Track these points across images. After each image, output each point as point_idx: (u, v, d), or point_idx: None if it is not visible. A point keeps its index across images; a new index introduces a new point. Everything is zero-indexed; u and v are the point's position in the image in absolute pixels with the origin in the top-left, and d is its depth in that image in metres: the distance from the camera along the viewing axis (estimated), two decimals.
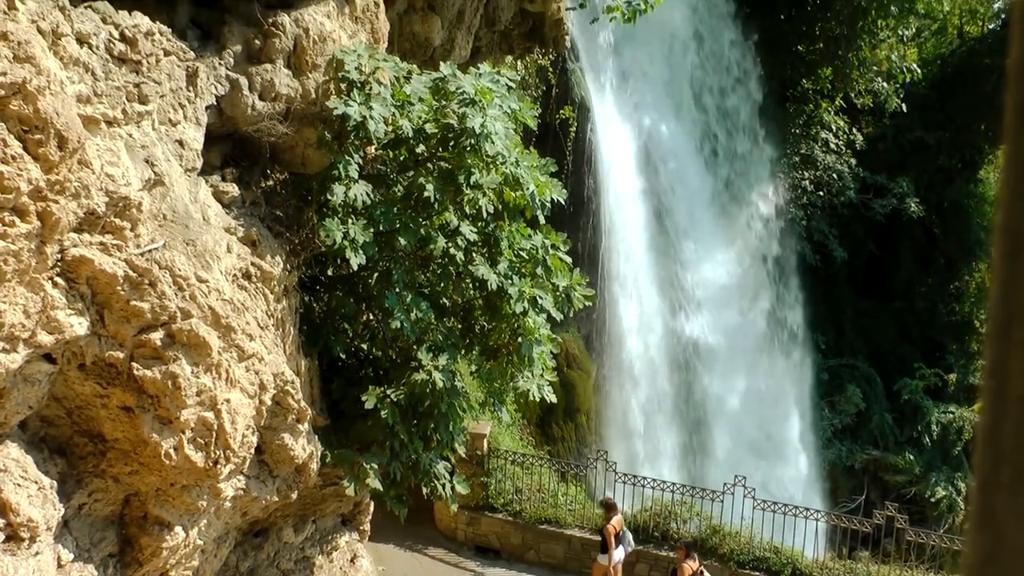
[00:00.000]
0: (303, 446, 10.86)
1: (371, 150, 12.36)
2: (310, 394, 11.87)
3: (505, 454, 20.67)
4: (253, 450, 9.74)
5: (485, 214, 12.23)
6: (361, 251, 11.09)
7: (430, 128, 12.13)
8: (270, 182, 11.82)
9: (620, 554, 17.58)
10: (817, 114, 38.06)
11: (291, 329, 11.26)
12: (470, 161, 11.90)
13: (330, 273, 13.15)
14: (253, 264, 10.18)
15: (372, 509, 14.85)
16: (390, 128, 11.70)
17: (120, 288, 7.94)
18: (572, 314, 13.89)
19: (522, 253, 12.84)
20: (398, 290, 11.80)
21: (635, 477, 20.32)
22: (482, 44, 17.80)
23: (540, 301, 12.58)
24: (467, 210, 12.34)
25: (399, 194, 12.10)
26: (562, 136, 27.01)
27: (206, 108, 10.12)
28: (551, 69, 26.34)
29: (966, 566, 0.94)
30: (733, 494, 19.04)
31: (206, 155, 10.30)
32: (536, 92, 25.97)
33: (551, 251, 12.95)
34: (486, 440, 20.30)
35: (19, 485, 7.50)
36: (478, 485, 19.81)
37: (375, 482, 11.96)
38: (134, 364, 8.18)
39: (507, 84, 12.75)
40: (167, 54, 9.42)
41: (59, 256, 7.52)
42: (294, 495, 11.40)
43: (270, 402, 9.89)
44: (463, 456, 15.05)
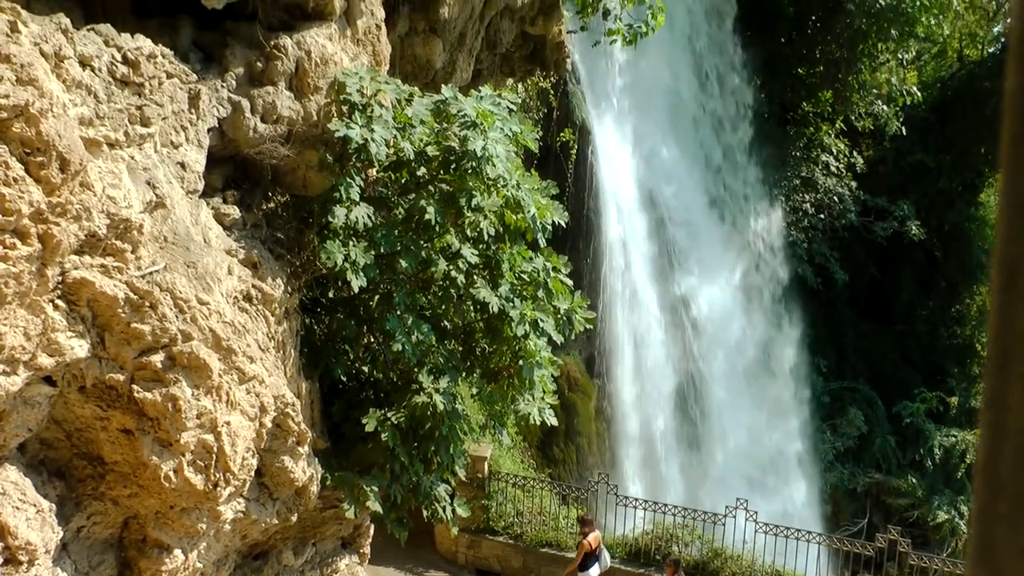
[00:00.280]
0: (303, 469, 10.83)
1: (372, 172, 12.37)
2: (310, 416, 11.85)
3: (506, 477, 20.63)
4: (253, 473, 9.71)
5: (486, 237, 12.24)
6: (362, 273, 11.08)
7: (431, 151, 12.15)
8: (271, 204, 11.83)
9: (595, 572, 17.54)
10: (817, 137, 38.12)
11: (292, 351, 11.25)
12: (471, 184, 11.90)
13: (331, 295, 13.15)
14: (254, 286, 10.18)
15: (372, 532, 14.79)
16: (391, 150, 11.71)
17: (121, 310, 7.93)
18: (573, 337, 13.87)
19: (523, 276, 12.83)
20: (399, 312, 11.79)
21: (636, 500, 20.28)
22: (483, 67, 17.85)
23: (541, 324, 12.56)
24: (468, 233, 12.34)
25: (400, 216, 12.11)
26: (563, 159, 27.06)
27: (208, 130, 10.14)
28: (552, 92, 26.41)
29: None
30: (735, 517, 18.98)
31: (208, 177, 10.31)
32: (537, 115, 26.03)
33: (552, 274, 12.94)
34: (487, 463, 20.26)
35: (17, 508, 7.47)
36: (479, 508, 19.77)
37: (375, 505, 11.92)
38: (134, 386, 8.16)
39: (508, 107, 12.77)
40: (169, 76, 9.44)
41: (60, 278, 7.52)
42: (294, 518, 11.36)
43: (270, 424, 9.86)
44: (464, 479, 14.99)
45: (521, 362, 12.80)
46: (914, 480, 35.70)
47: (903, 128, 37.41)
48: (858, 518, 34.98)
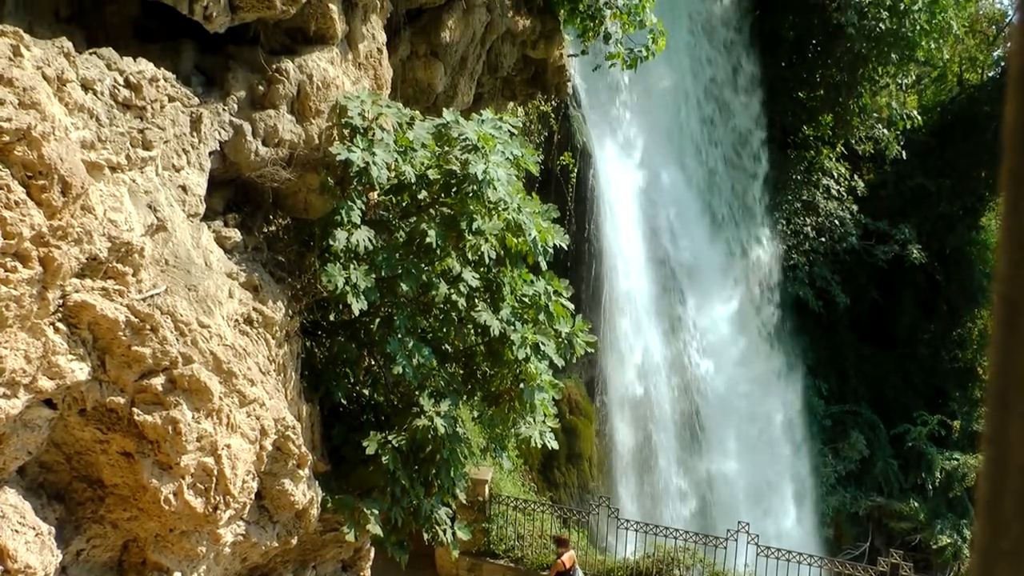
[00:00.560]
0: (303, 492, 10.80)
1: (373, 196, 12.39)
2: (311, 439, 11.82)
3: (507, 500, 20.56)
4: (253, 495, 9.68)
5: (487, 260, 12.23)
6: (363, 296, 11.08)
7: (432, 174, 12.16)
8: (272, 227, 11.84)
9: None
10: (818, 160, 38.17)
11: (292, 374, 11.23)
12: (472, 207, 11.91)
13: (332, 318, 13.14)
14: (255, 309, 10.17)
15: (372, 555, 14.73)
16: (393, 174, 11.72)
17: (121, 333, 7.93)
18: (574, 360, 13.85)
19: (524, 299, 12.82)
20: (400, 336, 11.78)
21: (637, 523, 20.20)
22: (484, 90, 17.89)
23: (542, 347, 12.54)
24: (469, 256, 12.34)
25: (401, 240, 12.11)
26: (563, 182, 27.08)
27: (209, 154, 10.16)
28: (553, 115, 26.45)
29: None
30: (736, 540, 18.91)
31: (209, 200, 10.32)
32: (538, 138, 26.06)
33: (553, 297, 12.93)
34: (488, 486, 20.20)
35: (17, 531, 7.45)
36: (479, 531, 19.69)
37: (376, 528, 11.88)
38: (135, 409, 8.15)
39: (509, 130, 12.79)
40: (171, 100, 9.46)
41: (61, 301, 7.51)
42: (294, 541, 11.31)
43: (271, 447, 9.84)
44: (464, 502, 14.94)
45: (522, 385, 12.78)
46: (916, 504, 35.59)
47: (903, 152, 37.47)
48: (860, 542, 34.87)
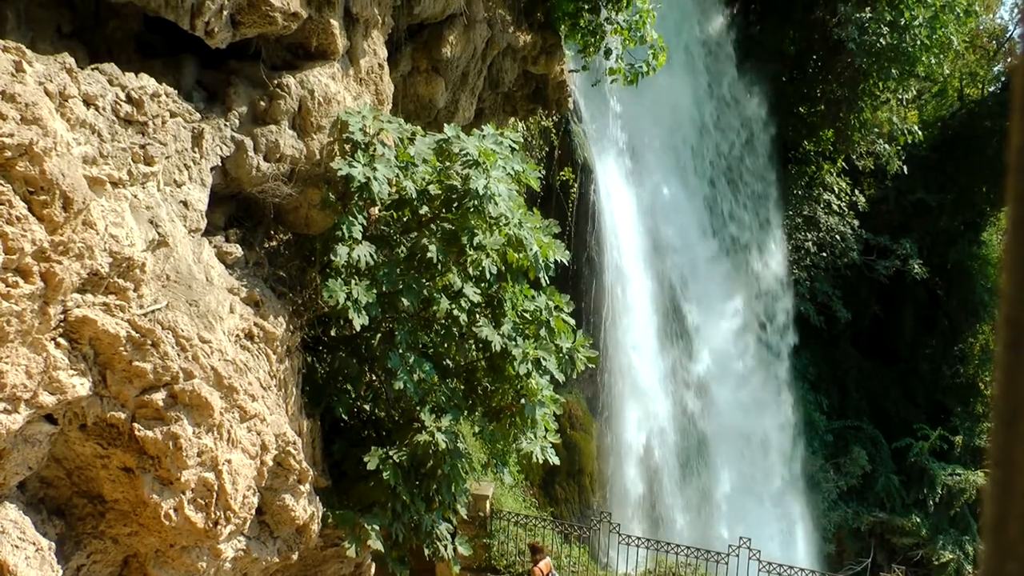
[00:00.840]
0: (304, 507, 10.78)
1: (375, 211, 12.40)
2: (312, 455, 11.81)
3: (508, 515, 20.52)
4: (254, 511, 9.66)
5: (488, 275, 12.23)
6: (364, 312, 11.08)
7: (434, 189, 12.18)
8: (274, 243, 11.85)
9: None
10: (819, 176, 38.17)
11: (293, 390, 11.22)
12: (473, 222, 11.92)
13: (333, 334, 13.13)
14: (256, 325, 10.17)
15: (373, 570, 14.70)
16: (394, 189, 11.74)
17: (123, 349, 7.92)
18: (575, 375, 13.84)
19: (525, 314, 12.83)
20: (401, 351, 11.78)
21: (639, 538, 20.15)
22: (486, 106, 17.91)
23: (544, 363, 12.54)
24: (470, 271, 12.35)
25: (402, 255, 12.12)
26: (562, 197, 27.07)
27: (211, 169, 10.17)
28: (554, 130, 26.46)
29: None
30: (738, 556, 18.86)
31: (210, 216, 10.33)
32: (539, 153, 26.07)
33: (554, 312, 12.94)
34: (489, 501, 20.16)
35: (17, 547, 7.43)
36: (480, 547, 19.64)
37: (376, 543, 11.86)
38: (135, 425, 8.14)
39: (510, 145, 12.81)
40: (173, 115, 9.48)
41: (62, 317, 7.51)
42: (295, 556, 11.29)
43: (272, 463, 9.82)
44: (465, 517, 14.91)
45: (523, 400, 12.78)
46: (918, 519, 35.51)
47: (904, 167, 37.47)
48: (862, 557, 34.78)
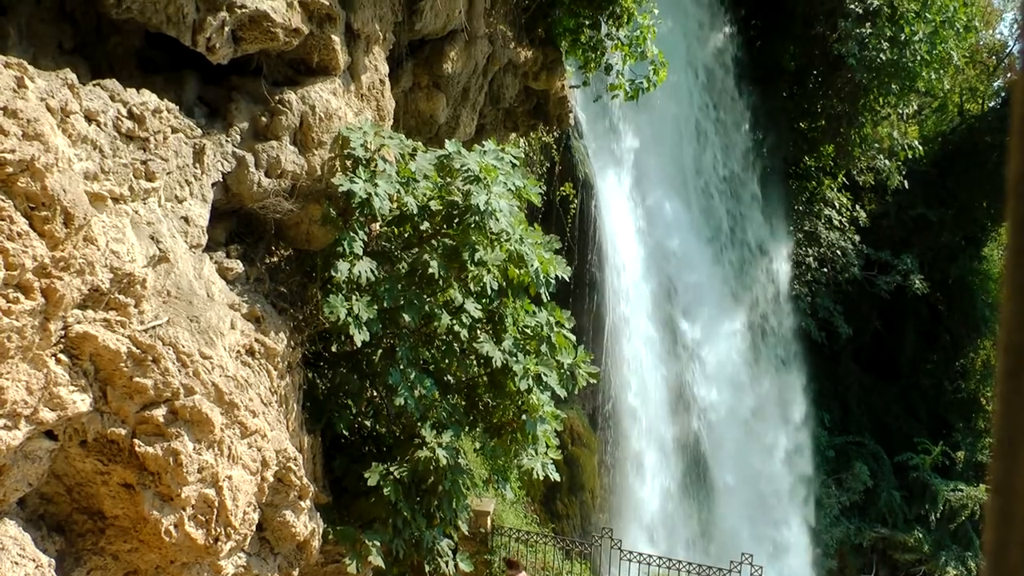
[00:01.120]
0: (305, 523, 10.76)
1: (376, 227, 12.41)
2: (312, 471, 11.79)
3: (509, 532, 20.46)
4: (254, 527, 9.64)
5: (489, 291, 12.23)
6: (365, 328, 11.08)
7: (435, 205, 12.19)
8: (275, 258, 11.85)
9: None
10: (820, 191, 38.18)
11: (294, 406, 11.21)
12: (474, 238, 11.92)
13: (334, 350, 13.12)
14: (257, 340, 10.17)
15: None
16: (395, 205, 11.75)
17: (123, 365, 7.92)
18: (576, 391, 13.82)
19: (527, 330, 12.82)
20: (402, 367, 11.77)
21: (641, 555, 20.08)
22: (487, 121, 17.93)
23: (545, 378, 12.53)
24: (471, 287, 12.34)
25: (403, 271, 12.12)
26: (562, 213, 27.07)
27: (212, 185, 10.18)
28: (555, 146, 26.48)
29: None
30: (740, 572, 18.79)
31: (211, 231, 10.33)
32: (540, 169, 26.07)
33: (556, 328, 12.93)
34: (490, 517, 20.10)
35: (16, 563, 7.41)
36: (481, 563, 19.57)
37: (377, 559, 11.84)
38: (136, 441, 8.13)
39: (511, 161, 12.82)
40: (174, 131, 9.49)
41: (63, 333, 7.51)
42: (295, 572, 11.26)
43: (272, 479, 9.81)
44: (466, 533, 14.87)
45: (524, 416, 12.76)
46: (921, 535, 35.42)
47: (905, 182, 37.49)
48: (864, 573, 34.70)
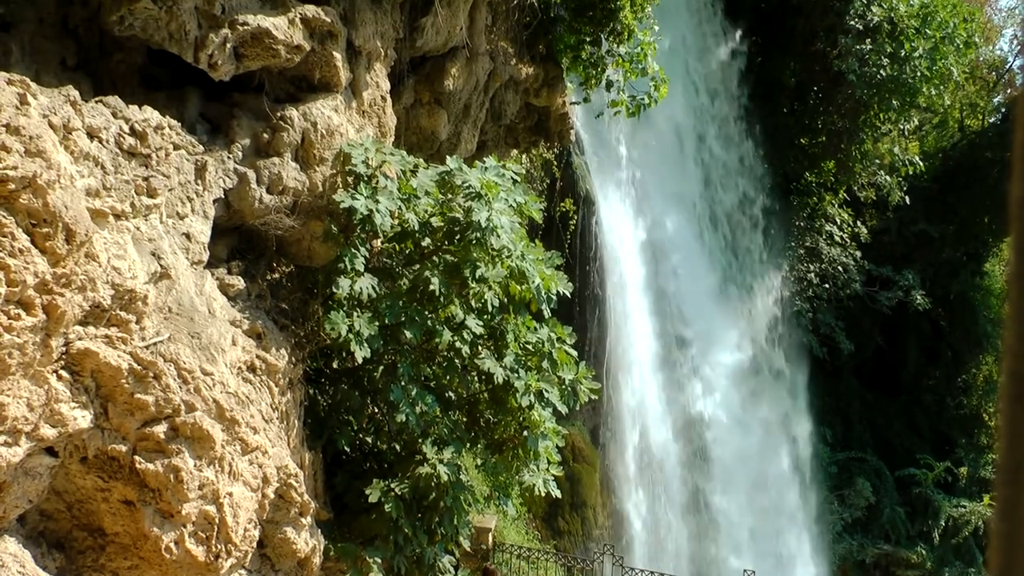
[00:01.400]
0: (306, 540, 10.73)
1: (377, 243, 12.41)
2: (314, 487, 11.76)
3: (511, 548, 20.44)
4: (255, 544, 9.62)
5: (491, 307, 12.22)
6: (366, 344, 11.06)
7: (436, 221, 12.19)
8: (276, 275, 11.85)
9: None
10: (821, 207, 38.23)
11: (295, 422, 11.19)
12: (476, 254, 11.92)
13: (335, 366, 13.11)
14: (258, 357, 10.16)
15: None
16: (396, 221, 11.75)
17: (124, 381, 7.91)
18: (578, 407, 13.81)
19: (528, 346, 12.81)
20: (403, 383, 11.75)
21: (642, 571, 20.06)
22: (488, 138, 17.95)
23: (546, 394, 12.51)
24: (473, 303, 12.34)
25: (405, 287, 12.12)
26: (561, 229, 27.08)
27: (214, 201, 10.19)
28: (556, 162, 26.51)
29: None
30: None
31: (213, 248, 10.33)
32: (541, 185, 26.11)
33: (557, 344, 12.92)
34: (491, 534, 20.07)
35: None
36: None
37: None
38: (137, 457, 8.12)
39: (512, 177, 12.82)
40: (176, 148, 9.50)
41: (64, 349, 7.50)
42: None
43: (273, 495, 9.79)
44: (468, 550, 14.85)
45: (526, 433, 12.73)
46: (924, 551, 35.36)
47: (906, 198, 37.57)
48: None
